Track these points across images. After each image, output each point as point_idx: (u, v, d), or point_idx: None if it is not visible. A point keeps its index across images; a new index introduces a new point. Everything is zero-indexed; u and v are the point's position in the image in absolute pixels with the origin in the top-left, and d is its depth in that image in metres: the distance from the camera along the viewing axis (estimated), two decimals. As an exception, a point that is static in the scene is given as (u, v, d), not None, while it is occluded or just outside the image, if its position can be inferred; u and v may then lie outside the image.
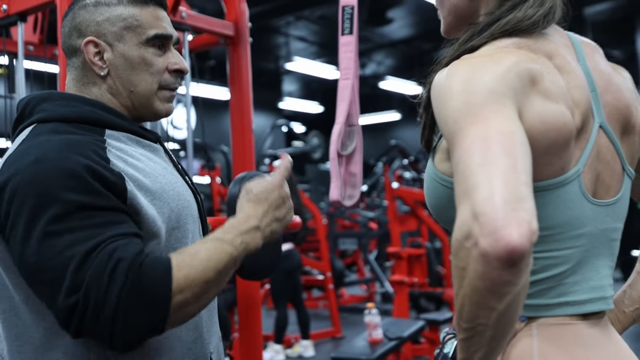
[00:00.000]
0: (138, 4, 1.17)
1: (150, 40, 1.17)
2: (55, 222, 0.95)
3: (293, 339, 6.07)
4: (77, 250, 0.94)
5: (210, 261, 1.00)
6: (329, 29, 11.25)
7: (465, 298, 0.75)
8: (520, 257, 0.69)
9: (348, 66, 1.96)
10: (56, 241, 0.94)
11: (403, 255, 5.42)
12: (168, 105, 1.22)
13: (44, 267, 0.95)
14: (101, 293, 0.92)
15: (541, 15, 0.95)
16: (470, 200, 0.73)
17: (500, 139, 0.77)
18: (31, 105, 1.14)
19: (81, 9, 1.18)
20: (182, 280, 0.96)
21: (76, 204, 0.97)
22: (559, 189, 0.91)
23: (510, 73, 0.85)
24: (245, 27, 2.43)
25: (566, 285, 0.93)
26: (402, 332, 3.77)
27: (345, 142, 1.96)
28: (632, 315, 1.11)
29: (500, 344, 0.80)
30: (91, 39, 1.15)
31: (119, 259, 0.93)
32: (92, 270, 0.92)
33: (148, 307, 0.94)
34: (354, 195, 1.97)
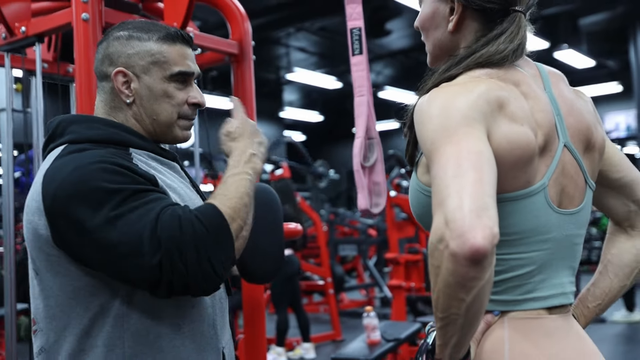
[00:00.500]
0: (167, 42, 1.28)
1: (174, 76, 1.28)
2: (117, 207, 1.10)
3: (294, 342, 6.15)
4: (145, 221, 1.09)
5: (239, 189, 1.19)
6: (328, 40, 11.37)
7: (439, 292, 0.88)
8: (483, 256, 0.82)
9: (361, 84, 2.09)
10: (126, 219, 1.09)
11: (401, 260, 5.49)
12: (186, 132, 1.34)
13: (123, 241, 1.09)
14: (179, 244, 1.08)
15: (510, 50, 1.07)
16: (443, 209, 0.86)
17: (469, 157, 0.89)
18: (61, 126, 1.26)
19: (115, 40, 1.29)
20: (230, 211, 1.16)
21: (129, 190, 1.12)
22: (526, 199, 1.03)
23: (480, 99, 0.98)
24: (248, 45, 2.54)
25: (533, 283, 1.05)
26: (399, 333, 3.85)
27: (367, 154, 2.08)
28: (594, 310, 1.23)
29: (471, 330, 0.93)
30: (120, 70, 1.26)
31: (179, 216, 1.10)
32: (163, 231, 1.08)
33: (217, 241, 1.12)
34: (379, 204, 2.09)
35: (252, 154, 1.26)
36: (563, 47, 10.89)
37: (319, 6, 9.19)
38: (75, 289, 1.17)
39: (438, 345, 0.97)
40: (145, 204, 1.11)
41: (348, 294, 9.01)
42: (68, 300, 1.18)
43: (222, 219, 1.13)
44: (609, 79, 13.94)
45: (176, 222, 1.09)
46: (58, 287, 1.18)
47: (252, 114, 2.55)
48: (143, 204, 1.11)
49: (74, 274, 1.17)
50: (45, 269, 1.19)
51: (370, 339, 3.76)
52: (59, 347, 1.19)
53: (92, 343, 1.17)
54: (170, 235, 1.08)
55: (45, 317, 1.20)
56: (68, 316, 1.18)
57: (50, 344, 1.20)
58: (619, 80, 13.87)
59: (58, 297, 1.18)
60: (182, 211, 1.12)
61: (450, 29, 1.12)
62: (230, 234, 1.14)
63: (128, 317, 1.18)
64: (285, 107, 16.73)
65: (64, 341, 1.18)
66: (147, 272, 1.09)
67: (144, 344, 1.18)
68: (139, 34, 1.28)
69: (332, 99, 15.26)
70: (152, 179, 1.18)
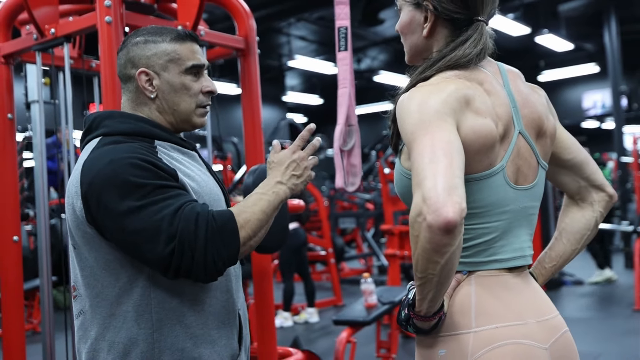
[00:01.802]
0: (178, 41, 1.38)
1: (189, 69, 1.38)
2: (142, 199, 1.20)
3: (300, 307, 6.27)
4: (165, 213, 1.19)
5: (256, 206, 1.29)
6: (326, 29, 11.34)
7: (418, 256, 1.00)
8: (454, 227, 0.94)
9: (345, 77, 2.18)
10: (148, 210, 1.19)
11: (395, 231, 5.55)
12: (203, 119, 1.44)
13: (143, 229, 1.19)
14: (192, 237, 1.19)
15: (474, 54, 1.17)
16: (421, 189, 0.97)
17: (442, 146, 1.01)
18: (97, 121, 1.36)
19: (134, 46, 1.38)
20: (243, 221, 1.25)
21: (152, 186, 1.21)
22: (489, 179, 1.14)
23: (450, 97, 1.09)
24: (253, 40, 2.62)
25: (495, 248, 1.16)
26: (394, 297, 3.93)
27: (346, 139, 2.19)
28: (551, 270, 1.35)
29: (444, 287, 1.05)
30: (143, 70, 1.36)
31: (198, 213, 1.21)
32: (182, 223, 1.19)
33: (226, 242, 1.22)
34: (355, 182, 2.20)
35: (279, 182, 1.33)
36: (543, 32, 10.88)
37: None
38: (107, 261, 1.27)
39: (417, 300, 1.08)
40: (166, 199, 1.21)
41: (348, 263, 9.11)
42: (101, 271, 1.28)
43: (234, 224, 1.23)
44: (586, 61, 13.91)
45: (194, 217, 1.19)
46: (93, 259, 1.28)
47: (257, 101, 2.63)
48: (163, 199, 1.20)
49: (105, 249, 1.27)
50: (82, 243, 1.29)
51: (367, 303, 3.84)
52: (95, 311, 1.29)
53: (124, 309, 1.27)
54: (186, 227, 1.18)
55: (82, 285, 1.31)
56: (102, 284, 1.28)
57: (87, 307, 1.31)
58: (596, 62, 13.84)
59: (93, 267, 1.29)
60: (201, 208, 1.22)
61: (425, 34, 1.22)
62: (237, 238, 1.23)
63: (154, 286, 1.27)
64: (288, 91, 16.73)
65: (98, 306, 1.29)
66: (160, 257, 1.19)
67: (168, 309, 1.28)
68: (153, 38, 1.38)
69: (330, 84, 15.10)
70: (174, 174, 1.27)
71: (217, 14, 8.35)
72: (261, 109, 2.68)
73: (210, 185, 1.40)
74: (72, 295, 1.36)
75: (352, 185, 2.16)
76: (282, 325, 5.86)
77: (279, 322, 5.83)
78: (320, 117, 17.76)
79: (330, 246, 7.20)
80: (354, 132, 2.18)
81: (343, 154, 2.13)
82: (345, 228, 9.35)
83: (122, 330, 1.27)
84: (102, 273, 1.28)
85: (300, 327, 6.01)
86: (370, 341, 4.52)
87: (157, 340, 1.27)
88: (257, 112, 2.64)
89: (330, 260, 7.13)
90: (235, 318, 1.40)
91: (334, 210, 8.88)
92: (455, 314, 1.13)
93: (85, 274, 1.31)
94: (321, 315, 6.29)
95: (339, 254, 7.75)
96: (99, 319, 1.29)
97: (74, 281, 1.35)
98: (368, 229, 9.50)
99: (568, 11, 11.02)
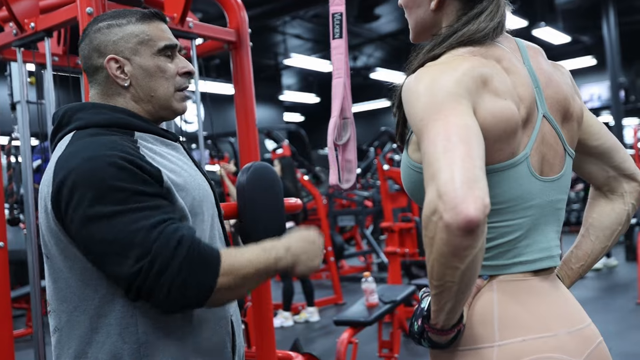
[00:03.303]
0: (145, 21, 1.24)
1: (162, 50, 1.24)
2: (117, 204, 1.05)
3: (300, 306, 6.17)
4: (141, 225, 1.04)
5: (251, 261, 1.12)
6: (321, 27, 11.24)
7: (434, 261, 0.85)
8: (476, 226, 0.79)
9: (339, 66, 2.04)
10: (122, 219, 1.05)
11: (395, 229, 5.47)
12: (184, 104, 1.30)
13: (114, 240, 1.05)
14: (166, 260, 1.03)
15: (491, 28, 1.03)
16: (435, 182, 0.82)
17: (457, 131, 0.86)
18: (68, 115, 1.22)
19: (96, 32, 1.24)
20: (228, 267, 1.09)
21: (131, 190, 1.07)
22: (511, 169, 1.00)
23: (465, 77, 0.94)
24: (245, 32, 2.49)
25: (520, 248, 1.02)
26: (396, 296, 3.83)
27: (341, 133, 2.04)
28: (578, 271, 1.21)
29: (465, 296, 0.90)
30: (112, 57, 1.22)
31: (182, 235, 1.05)
32: (160, 241, 1.03)
33: (199, 279, 1.06)
34: (350, 179, 2.05)
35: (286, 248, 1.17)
36: (541, 25, 10.76)
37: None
38: (84, 271, 1.13)
39: (433, 311, 0.94)
40: (144, 209, 1.06)
41: (348, 261, 9.02)
42: (77, 282, 1.14)
43: (216, 265, 1.08)
44: (583, 54, 13.79)
45: (176, 238, 1.05)
46: (68, 269, 1.15)
47: (251, 96, 2.51)
48: (141, 209, 1.06)
49: (80, 257, 1.13)
50: (56, 252, 1.16)
51: (368, 302, 3.74)
52: (73, 326, 1.16)
53: (106, 322, 1.13)
54: (164, 245, 1.04)
55: (56, 299, 1.18)
56: (79, 297, 1.15)
57: (63, 324, 1.17)
58: (593, 55, 13.73)
59: (68, 279, 1.15)
60: (186, 231, 1.07)
61: (433, 7, 1.08)
62: (214, 280, 1.07)
63: None
64: (284, 90, 16.62)
65: (76, 321, 1.15)
66: (126, 273, 1.05)
67: (155, 321, 1.15)
68: (117, 21, 1.24)
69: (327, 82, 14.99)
70: (157, 175, 1.12)
71: (211, 12, 8.24)
72: (255, 106, 2.56)
73: (198, 180, 1.26)
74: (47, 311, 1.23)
75: (347, 183, 2.02)
76: (282, 325, 5.76)
77: (279, 322, 5.74)
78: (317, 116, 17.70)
79: (330, 244, 7.10)
80: (349, 126, 2.03)
81: (337, 149, 1.99)
82: (344, 226, 9.26)
83: (106, 345, 1.13)
84: (78, 285, 1.14)
85: (300, 326, 5.90)
86: (371, 340, 4.42)
87: (145, 355, 1.13)
88: (250, 108, 2.52)
89: (329, 258, 7.02)
90: (228, 325, 1.27)
91: (332, 208, 8.79)
92: (475, 325, 0.99)
93: (60, 287, 1.17)
94: (322, 314, 6.18)
95: (339, 252, 7.66)
96: (79, 335, 1.15)
97: (47, 296, 1.21)
98: (367, 226, 9.41)
99: (565, 4, 10.94)
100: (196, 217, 1.21)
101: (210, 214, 1.27)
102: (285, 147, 6.52)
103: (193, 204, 1.20)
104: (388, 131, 6.38)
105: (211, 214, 1.27)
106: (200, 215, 1.22)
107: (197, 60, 2.47)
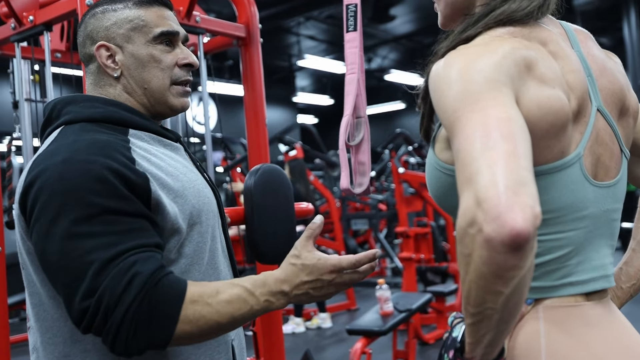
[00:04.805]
0: (142, 6, 1.12)
1: (157, 37, 1.11)
2: (79, 223, 0.90)
3: (312, 312, 6.04)
4: (97, 257, 0.89)
5: (229, 306, 0.93)
6: (336, 27, 11.13)
7: (472, 284, 0.69)
8: (525, 241, 0.64)
9: (353, 61, 1.89)
10: (78, 244, 0.89)
11: (410, 234, 5.35)
12: (183, 99, 1.15)
13: (64, 268, 0.90)
14: (112, 302, 0.87)
15: (535, 6, 0.88)
16: (473, 187, 0.67)
17: (499, 125, 0.71)
18: (57, 108, 1.09)
19: (91, 18, 1.13)
20: (192, 314, 0.91)
21: (100, 208, 0.91)
22: (561, 172, 0.85)
23: (506, 60, 0.79)
24: (256, 28, 2.37)
25: (570, 267, 0.87)
26: (411, 304, 3.71)
27: (354, 133, 1.90)
28: (629, 291, 1.05)
29: (509, 326, 0.75)
30: (102, 44, 1.10)
31: (136, 273, 0.88)
32: (109, 279, 0.88)
33: (152, 327, 0.89)
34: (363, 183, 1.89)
35: (284, 294, 0.97)
36: (559, 27, 10.57)
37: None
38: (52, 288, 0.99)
39: (468, 344, 0.79)
40: (109, 234, 0.90)
41: (361, 265, 8.89)
42: (49, 300, 1.01)
43: (177, 310, 0.89)
44: (603, 56, 13.58)
45: (128, 277, 0.88)
46: (39, 283, 1.02)
47: (261, 95, 2.39)
48: (107, 233, 0.90)
49: None
50: (28, 261, 1.02)
51: (383, 310, 3.61)
52: (47, 349, 1.02)
53: (81, 348, 1.00)
54: (112, 286, 0.87)
55: (33, 315, 1.05)
56: (52, 317, 1.02)
57: (39, 344, 1.04)
58: (613, 57, 13.51)
59: (40, 295, 1.02)
60: (145, 267, 0.89)
61: None
62: (171, 328, 0.89)
63: None
64: (298, 92, 16.52)
65: (50, 344, 1.02)
66: (74, 309, 0.90)
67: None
68: (113, 5, 1.12)
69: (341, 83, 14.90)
70: (143, 187, 0.97)
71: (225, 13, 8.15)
72: (265, 106, 2.43)
73: (198, 185, 1.11)
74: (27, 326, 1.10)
75: (360, 187, 1.86)
76: (294, 331, 5.64)
77: (290, 328, 5.62)
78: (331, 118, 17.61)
79: (343, 248, 6.96)
80: (362, 125, 1.88)
81: (350, 150, 1.84)
82: (357, 229, 9.14)
83: None
84: (50, 303, 1.01)
85: (312, 333, 5.76)
86: (385, 349, 4.27)
87: None
88: (260, 108, 2.39)
89: (342, 263, 6.89)
90: (229, 351, 1.13)
91: (345, 212, 8.66)
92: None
93: (34, 302, 1.04)
94: (334, 320, 6.04)
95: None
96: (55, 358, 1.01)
97: (27, 310, 1.08)
98: (380, 230, 9.28)
99: (583, 5, 10.73)
100: (194, 228, 1.07)
101: (211, 224, 1.13)
102: (298, 149, 6.40)
103: (192, 213, 1.06)
104: (403, 133, 6.24)
105: (212, 225, 1.13)
106: (198, 226, 1.08)
107: (206, 58, 2.36)
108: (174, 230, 1.03)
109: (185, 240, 1.05)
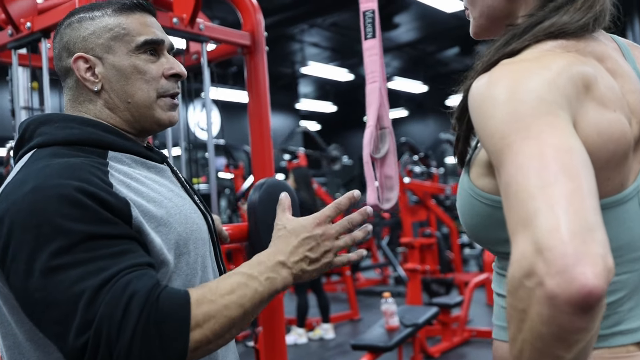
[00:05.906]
0: (123, 13, 1.02)
1: (141, 46, 1.01)
2: (60, 255, 0.80)
3: (314, 322, 5.94)
4: (86, 286, 0.79)
5: (233, 295, 0.85)
6: (339, 35, 11.08)
7: (525, 343, 0.59)
8: (596, 301, 0.54)
9: (374, 69, 1.79)
10: (63, 276, 0.80)
11: (415, 245, 5.27)
12: (171, 113, 1.05)
13: (52, 304, 0.80)
14: (114, 329, 0.77)
15: (591, 18, 0.79)
16: (531, 230, 0.57)
17: (558, 156, 0.61)
18: (30, 129, 0.99)
19: (67, 28, 1.03)
20: (202, 316, 0.82)
21: (81, 235, 0.81)
22: (619, 207, 0.75)
23: (561, 78, 0.69)
24: (261, 36, 2.29)
25: (621, 313, 0.77)
26: (417, 319, 3.61)
27: (378, 145, 1.80)
28: None
29: None
30: (80, 55, 1.00)
31: (133, 293, 0.79)
32: (104, 306, 0.78)
33: (165, 345, 0.79)
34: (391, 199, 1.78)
35: (281, 263, 0.92)
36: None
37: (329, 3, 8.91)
38: (32, 328, 0.89)
39: None
40: (95, 259, 0.81)
41: (364, 273, 8.82)
42: (26, 342, 0.90)
43: (186, 319, 0.81)
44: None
45: (125, 299, 0.79)
46: (15, 323, 0.91)
47: (266, 104, 2.30)
48: (92, 259, 0.81)
49: None
50: (2, 301, 0.92)
51: (388, 325, 3.52)
52: None
53: None
54: (109, 313, 0.78)
55: (7, 358, 0.94)
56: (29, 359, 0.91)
57: None
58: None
59: (16, 336, 0.91)
60: (140, 285, 0.80)
61: None
62: (185, 340, 0.81)
63: None
64: (301, 99, 16.46)
65: None
66: (70, 348, 0.80)
67: None
68: (91, 14, 1.02)
69: (344, 90, 14.98)
70: (124, 211, 0.88)
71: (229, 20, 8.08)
72: (270, 115, 2.35)
73: (185, 211, 1.00)
74: None
75: (388, 202, 1.74)
76: (296, 343, 5.54)
77: (292, 339, 5.52)
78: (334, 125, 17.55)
79: (346, 257, 6.86)
80: (387, 136, 1.77)
81: (375, 163, 1.73)
82: (360, 237, 9.05)
83: None
84: (27, 345, 0.90)
85: (315, 344, 5.65)
86: (390, 363, 4.17)
87: None
88: (265, 118, 2.30)
89: (345, 270, 6.80)
90: None
91: (348, 220, 8.57)
92: None
93: (8, 344, 0.93)
94: (337, 331, 5.94)
95: (355, 264, 7.42)
96: None
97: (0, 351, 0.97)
98: (383, 238, 9.19)
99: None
100: (181, 259, 0.97)
101: (200, 253, 1.02)
102: (302, 157, 6.32)
103: (177, 242, 0.96)
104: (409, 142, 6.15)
105: (202, 254, 1.02)
106: (186, 256, 0.98)
107: (209, 66, 2.27)
108: (160, 263, 0.93)
109: (173, 273, 0.95)
